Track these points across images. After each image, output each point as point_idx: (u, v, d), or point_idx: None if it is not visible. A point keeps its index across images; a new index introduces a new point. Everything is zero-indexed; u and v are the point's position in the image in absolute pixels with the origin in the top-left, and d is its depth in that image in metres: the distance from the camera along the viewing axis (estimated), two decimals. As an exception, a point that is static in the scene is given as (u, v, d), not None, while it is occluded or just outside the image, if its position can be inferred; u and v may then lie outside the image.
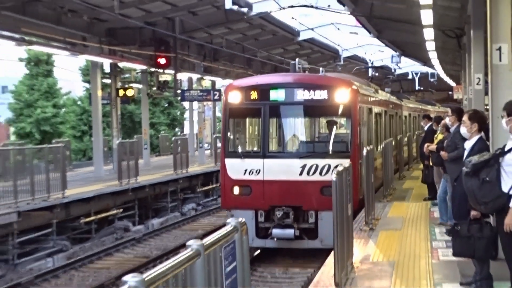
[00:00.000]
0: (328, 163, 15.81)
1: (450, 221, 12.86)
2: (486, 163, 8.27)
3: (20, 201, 21.15)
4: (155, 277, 3.14)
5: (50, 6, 26.51)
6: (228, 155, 16.95)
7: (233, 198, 16.71)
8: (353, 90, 16.46)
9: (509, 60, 11.84)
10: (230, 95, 17.00)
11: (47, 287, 18.18)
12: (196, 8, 32.63)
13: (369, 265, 11.50)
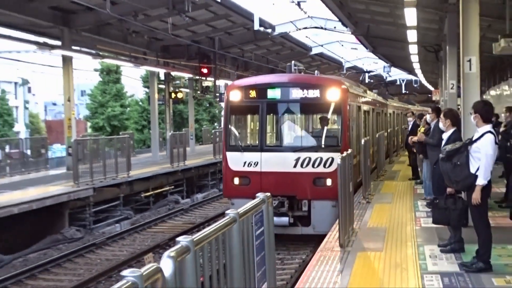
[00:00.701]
0: (320, 156, 14.52)
1: (430, 196, 12.83)
2: (458, 150, 8.29)
3: (95, 180, 21.31)
4: (201, 238, 3.18)
5: (118, 28, 26.59)
6: (229, 149, 15.54)
7: (233, 188, 15.34)
8: (343, 89, 15.02)
9: (477, 69, 11.89)
10: (231, 93, 15.57)
11: (115, 247, 18.30)
12: (231, 30, 32.61)
13: (366, 230, 11.53)
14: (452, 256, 9.09)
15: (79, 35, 25.40)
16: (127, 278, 2.38)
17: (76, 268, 15.79)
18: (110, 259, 16.67)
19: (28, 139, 36.30)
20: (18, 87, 74.31)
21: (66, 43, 24.60)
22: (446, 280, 7.87)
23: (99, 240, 18.63)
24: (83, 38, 26.03)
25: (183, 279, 2.88)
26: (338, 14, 26.08)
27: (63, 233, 19.00)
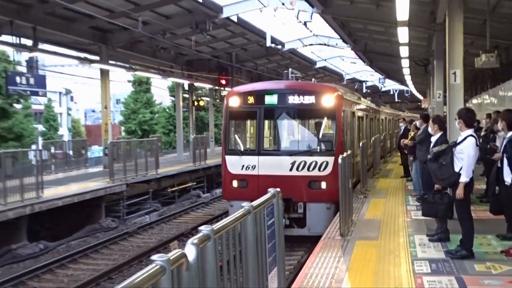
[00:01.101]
0: (315, 160, 13.31)
1: (419, 192, 12.81)
2: (443, 152, 8.28)
3: (128, 177, 21.39)
4: (220, 228, 3.21)
5: (149, 45, 26.72)
6: (228, 152, 14.22)
7: (232, 190, 14.03)
8: (337, 96, 13.71)
9: (461, 81, 11.89)
10: (231, 99, 14.28)
11: (145, 235, 18.39)
12: (246, 46, 32.68)
13: (364, 221, 11.49)
14: (439, 244, 9.06)
15: (115, 51, 25.53)
16: (156, 262, 2.41)
17: (112, 253, 15.89)
18: (140, 245, 16.74)
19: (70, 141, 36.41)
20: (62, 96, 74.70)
21: (103, 58, 24.75)
22: (434, 266, 7.85)
23: (131, 229, 18.73)
24: (118, 54, 26.16)
25: (204, 263, 2.90)
26: (340, 32, 26.09)
27: (100, 223, 19.12)
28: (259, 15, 25.36)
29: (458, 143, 8.23)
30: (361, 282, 7.20)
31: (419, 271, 7.62)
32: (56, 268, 14.15)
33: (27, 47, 20.04)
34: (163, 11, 22.99)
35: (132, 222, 20.59)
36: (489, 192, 10.81)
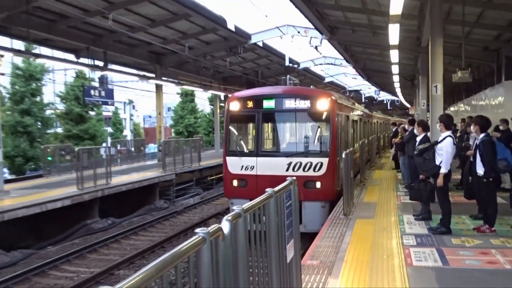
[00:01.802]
0: (310, 161, 11.74)
1: (406, 181, 12.69)
2: (427, 148, 8.32)
3: (176, 168, 21.59)
4: (249, 207, 3.20)
5: (193, 65, 26.89)
6: (228, 154, 12.53)
7: (232, 189, 12.41)
8: (331, 100, 11.99)
9: (441, 92, 11.77)
10: (231, 104, 12.62)
11: (190, 214, 18.52)
12: (269, 65, 32.70)
13: (362, 204, 11.44)
14: (423, 223, 9.01)
15: (167, 70, 25.75)
16: (199, 234, 2.42)
17: (164, 228, 16.02)
18: (186, 221, 16.84)
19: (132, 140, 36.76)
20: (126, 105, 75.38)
21: (158, 75, 24.98)
22: (419, 240, 7.80)
23: (179, 209, 18.84)
24: (169, 72, 26.37)
25: (236, 235, 2.90)
26: (344, 54, 26.01)
27: (155, 204, 19.31)
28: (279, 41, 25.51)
29: (439, 142, 8.24)
30: (361, 251, 7.17)
31: (407, 243, 7.59)
32: (121, 239, 14.31)
33: (99, 67, 20.29)
34: (204, 39, 23.12)
35: (179, 203, 20.72)
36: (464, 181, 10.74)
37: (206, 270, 2.45)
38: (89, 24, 17.91)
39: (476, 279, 5.89)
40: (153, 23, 19.09)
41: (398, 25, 12.55)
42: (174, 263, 2.13)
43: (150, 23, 19.00)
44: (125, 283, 1.72)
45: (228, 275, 2.73)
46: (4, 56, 15.46)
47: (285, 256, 4.00)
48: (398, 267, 6.38)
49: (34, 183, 18.56)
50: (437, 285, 5.65)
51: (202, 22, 20.07)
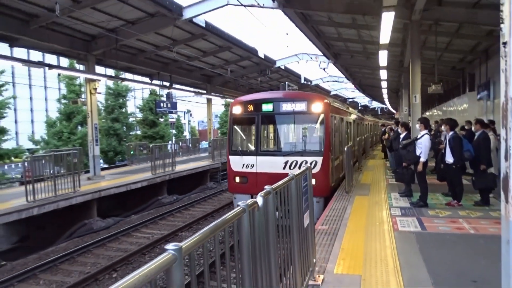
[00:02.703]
0: (305, 159, 9.84)
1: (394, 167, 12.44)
2: (409, 143, 8.12)
3: (222, 159, 21.57)
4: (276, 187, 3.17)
5: (233, 84, 27.02)
6: (231, 153, 10.68)
7: (235, 185, 10.58)
8: (325, 103, 10.06)
9: (419, 101, 11.44)
10: (234, 108, 10.76)
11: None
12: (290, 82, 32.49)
13: (360, 184, 11.25)
14: (406, 199, 8.81)
15: (214, 87, 25.85)
16: (240, 205, 2.42)
17: (213, 202, 16.09)
18: (229, 198, 16.81)
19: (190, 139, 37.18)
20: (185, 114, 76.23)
21: (208, 92, 25.09)
22: (403, 211, 7.63)
23: (224, 188, 18.89)
24: (216, 89, 26.46)
25: (267, 207, 2.89)
26: (345, 73, 25.68)
27: (206, 185, 19.43)
28: (297, 65, 25.26)
29: (418, 138, 8.04)
30: (359, 220, 7.07)
31: (394, 214, 7.44)
32: (182, 210, 14.48)
33: (166, 87, 20.54)
34: (241, 64, 23.12)
35: (224, 185, 20.78)
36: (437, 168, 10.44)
37: (245, 233, 2.46)
38: (159, 56, 18.16)
39: (447, 240, 5.74)
40: (204, 54, 19.22)
41: (386, 51, 12.31)
42: (223, 227, 2.14)
43: (202, 54, 19.13)
44: (191, 239, 1.73)
45: (262, 237, 2.73)
46: (101, 80, 15.83)
47: (302, 222, 3.97)
48: (387, 231, 6.26)
49: (121, 170, 18.98)
50: (417, 245, 5.53)
51: (240, 52, 20.09)
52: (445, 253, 5.19)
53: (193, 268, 1.80)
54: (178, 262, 1.57)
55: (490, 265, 4.68)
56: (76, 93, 26.12)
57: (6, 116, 20.24)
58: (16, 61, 12.41)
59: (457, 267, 4.70)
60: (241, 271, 2.44)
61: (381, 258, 5.04)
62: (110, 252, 9.85)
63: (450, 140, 7.86)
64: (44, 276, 8.32)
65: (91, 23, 13.15)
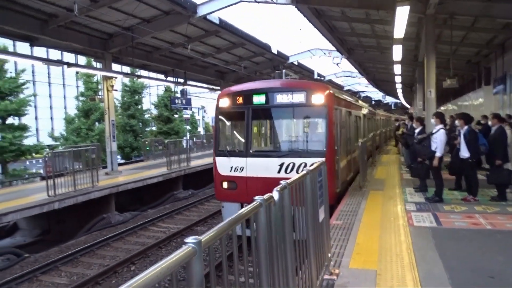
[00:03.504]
0: (304, 161, 7.74)
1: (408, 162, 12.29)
2: (424, 138, 8.01)
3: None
4: (292, 182, 3.16)
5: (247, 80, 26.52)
6: (218, 154, 8.77)
7: (222, 192, 8.66)
8: (328, 94, 8.17)
9: (434, 96, 11.22)
10: (221, 100, 8.79)
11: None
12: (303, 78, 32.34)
13: (374, 179, 11.14)
14: (421, 194, 8.71)
15: (228, 83, 25.79)
16: (257, 200, 2.43)
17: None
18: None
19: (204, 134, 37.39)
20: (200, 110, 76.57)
21: (222, 88, 25.12)
22: (418, 206, 7.55)
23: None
24: (230, 85, 26.28)
25: (283, 201, 2.89)
26: (358, 69, 25.42)
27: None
28: (310, 60, 25.12)
29: (434, 133, 7.92)
30: (373, 215, 7.01)
31: (409, 209, 7.36)
32: (198, 204, 14.58)
33: (181, 83, 20.65)
34: (255, 60, 23.07)
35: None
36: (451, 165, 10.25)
37: (262, 227, 2.46)
38: (174, 53, 18.25)
39: (463, 236, 5.65)
40: (218, 50, 19.24)
41: (400, 46, 12.12)
42: (240, 220, 2.15)
43: (216, 51, 19.16)
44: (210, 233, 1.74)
45: (278, 230, 2.73)
46: (117, 77, 16.01)
47: (317, 217, 3.96)
48: (402, 226, 6.19)
49: (137, 166, 19.21)
50: (433, 240, 5.46)
51: (253, 48, 20.05)
52: (461, 248, 5.11)
53: (212, 261, 1.81)
54: (198, 255, 1.58)
55: (508, 261, 4.60)
56: (93, 90, 26.47)
57: (27, 113, 20.64)
58: (36, 60, 12.64)
59: (474, 263, 4.63)
60: (258, 265, 2.45)
61: (396, 253, 5.00)
62: (128, 245, 10.00)
63: (465, 134, 7.73)
64: (65, 268, 8.50)
65: (108, 21, 13.28)
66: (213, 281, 1.86)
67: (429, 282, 4.08)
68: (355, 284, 4.11)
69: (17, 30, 11.79)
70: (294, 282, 3.02)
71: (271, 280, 2.54)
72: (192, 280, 1.58)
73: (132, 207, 14.24)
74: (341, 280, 4.23)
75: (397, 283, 4.09)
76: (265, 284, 2.46)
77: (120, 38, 14.65)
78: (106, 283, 7.66)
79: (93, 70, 19.38)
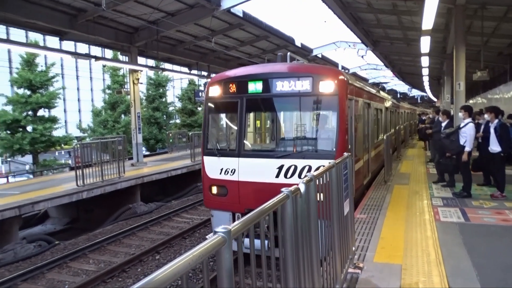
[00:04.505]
0: (308, 164, 6.25)
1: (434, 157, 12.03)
2: (452, 132, 7.79)
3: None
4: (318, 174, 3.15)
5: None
6: (206, 152, 7.20)
7: (211, 198, 7.09)
8: (340, 81, 6.42)
9: (463, 89, 10.89)
10: (211, 88, 7.23)
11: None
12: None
13: (399, 173, 10.96)
14: (447, 189, 8.51)
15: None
16: (284, 192, 2.43)
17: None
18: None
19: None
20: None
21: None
22: (445, 201, 7.38)
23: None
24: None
25: (309, 193, 2.88)
26: (384, 61, 24.93)
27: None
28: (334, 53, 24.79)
29: (462, 127, 7.69)
30: (398, 209, 6.91)
31: (435, 204, 7.21)
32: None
33: (205, 76, 20.78)
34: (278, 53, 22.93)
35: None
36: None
37: (289, 218, 2.47)
38: (198, 46, 18.36)
39: (492, 232, 5.50)
40: (242, 43, 19.23)
41: (428, 37, 11.80)
42: (268, 212, 2.16)
43: (240, 43, 19.15)
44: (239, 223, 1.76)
45: (304, 222, 2.73)
46: (143, 70, 16.26)
47: (342, 210, 3.93)
48: (429, 221, 6.08)
49: (162, 157, 19.51)
50: (461, 236, 5.33)
51: (276, 41, 19.93)
52: (491, 245, 4.98)
53: (240, 249, 1.84)
54: (228, 244, 1.61)
55: (540, 259, 4.45)
56: (119, 83, 26.99)
57: (57, 105, 21.27)
58: (65, 54, 12.98)
59: (503, 259, 4.50)
60: (284, 256, 2.46)
61: (422, 248, 4.91)
62: (153, 235, 10.21)
63: (496, 128, 7.47)
64: (93, 255, 8.77)
65: (134, 15, 13.47)
66: (241, 269, 1.89)
67: (456, 278, 4.00)
68: (380, 278, 4.07)
69: (47, 25, 12.15)
70: (319, 274, 3.02)
71: (296, 271, 2.55)
72: (222, 269, 1.61)
73: (157, 197, 14.49)
74: (366, 273, 4.20)
75: (423, 278, 4.03)
76: (290, 275, 2.47)
77: (146, 31, 14.85)
78: (132, 271, 7.87)
79: (119, 63, 19.74)
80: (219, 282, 1.61)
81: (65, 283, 7.34)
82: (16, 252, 8.78)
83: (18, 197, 10.00)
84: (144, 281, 1.19)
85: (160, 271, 1.26)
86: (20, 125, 19.25)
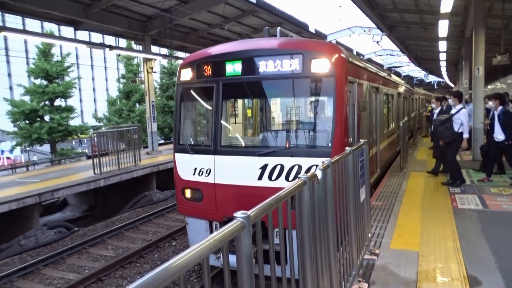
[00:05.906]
0: (298, 163, 4.85)
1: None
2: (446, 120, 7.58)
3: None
4: (335, 160, 3.14)
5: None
6: (178, 149, 5.87)
7: (185, 203, 5.81)
8: (337, 59, 4.89)
9: (482, 73, 10.64)
10: (183, 72, 5.76)
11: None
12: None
13: (415, 160, 10.84)
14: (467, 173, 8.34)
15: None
16: (301, 178, 2.43)
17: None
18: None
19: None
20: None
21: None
22: (463, 188, 7.27)
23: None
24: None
25: (326, 180, 2.87)
26: (399, 47, 24.44)
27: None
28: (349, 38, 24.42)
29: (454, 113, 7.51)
30: (414, 196, 6.85)
31: (453, 191, 7.12)
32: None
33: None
34: (292, 40, 22.74)
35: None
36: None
37: (306, 204, 2.47)
38: (211, 34, 18.30)
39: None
40: (255, 30, 19.08)
41: (446, 21, 11.50)
42: (286, 197, 2.17)
43: (253, 30, 19.01)
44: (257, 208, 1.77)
45: (320, 208, 2.73)
46: (157, 59, 16.30)
47: (359, 197, 3.91)
48: (446, 208, 6.01)
49: (176, 146, 19.59)
50: (479, 223, 5.26)
51: (290, 27, 19.65)
52: (510, 232, 4.90)
53: (259, 234, 1.85)
54: (247, 229, 1.62)
55: (562, 246, 4.37)
56: (134, 72, 27.15)
57: (73, 95, 21.56)
58: (80, 43, 13.08)
59: (523, 247, 4.43)
60: (301, 240, 2.47)
61: (439, 235, 4.87)
62: (169, 222, 10.36)
63: (499, 116, 7.26)
64: (111, 241, 8.96)
65: (147, 4, 13.47)
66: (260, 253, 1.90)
67: (474, 265, 3.96)
68: (396, 264, 4.06)
69: (63, 14, 12.24)
70: (335, 259, 3.03)
71: (313, 256, 2.57)
72: (241, 254, 1.62)
73: (172, 185, 14.62)
74: (382, 260, 4.19)
75: (440, 265, 4.00)
76: (307, 260, 2.49)
77: (159, 20, 14.85)
78: (149, 257, 8.02)
79: (133, 52, 19.82)
80: (238, 267, 1.63)
81: (85, 268, 7.53)
82: (37, 238, 9.04)
83: (38, 185, 10.24)
84: (170, 261, 1.22)
85: (185, 252, 1.29)
86: (38, 114, 19.60)
